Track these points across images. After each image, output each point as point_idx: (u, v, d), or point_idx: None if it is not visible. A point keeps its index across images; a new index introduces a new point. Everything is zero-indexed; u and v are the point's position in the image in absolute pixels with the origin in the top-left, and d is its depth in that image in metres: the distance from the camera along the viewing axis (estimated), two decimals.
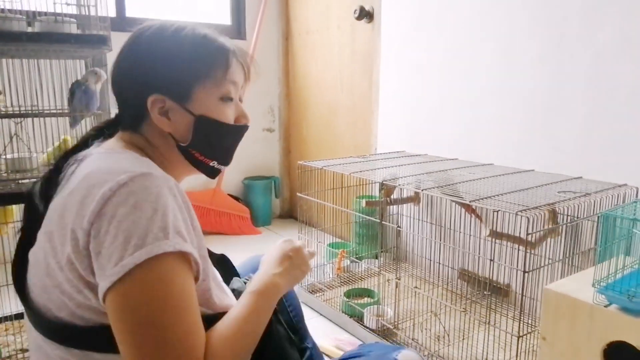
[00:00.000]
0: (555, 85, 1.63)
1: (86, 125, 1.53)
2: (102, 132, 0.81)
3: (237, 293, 0.82)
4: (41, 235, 0.67)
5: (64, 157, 0.75)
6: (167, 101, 0.74)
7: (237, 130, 0.81)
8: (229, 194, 2.86)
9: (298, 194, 1.94)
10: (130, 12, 2.56)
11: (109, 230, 0.58)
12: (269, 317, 0.74)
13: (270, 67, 2.99)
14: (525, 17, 1.69)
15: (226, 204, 2.79)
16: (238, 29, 2.87)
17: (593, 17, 1.51)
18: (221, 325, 0.67)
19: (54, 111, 1.45)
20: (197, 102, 0.74)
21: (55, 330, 0.65)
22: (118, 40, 0.90)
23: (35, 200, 0.73)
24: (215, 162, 0.81)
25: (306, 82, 2.87)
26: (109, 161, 0.68)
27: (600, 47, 1.50)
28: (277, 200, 3.14)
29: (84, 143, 0.79)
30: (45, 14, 1.37)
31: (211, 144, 0.78)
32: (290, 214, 3.16)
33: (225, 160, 0.83)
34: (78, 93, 1.39)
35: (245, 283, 0.87)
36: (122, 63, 0.76)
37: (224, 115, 0.77)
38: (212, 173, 0.82)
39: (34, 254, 0.69)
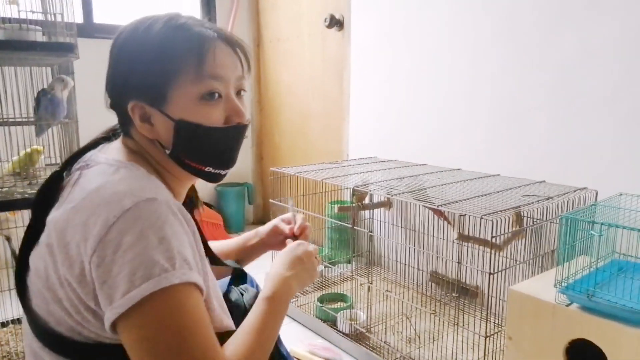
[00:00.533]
0: (518, 93, 1.69)
1: (53, 133, 1.50)
2: (111, 135, 0.79)
3: (234, 305, 0.81)
4: (42, 245, 0.65)
5: (71, 160, 0.74)
6: (145, 107, 0.69)
7: (227, 132, 0.72)
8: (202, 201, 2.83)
9: (271, 201, 1.95)
10: (98, 19, 2.52)
11: (114, 260, 0.57)
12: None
13: None
14: (490, 27, 1.75)
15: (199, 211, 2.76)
16: None
17: (554, 28, 1.57)
18: (236, 339, 0.66)
19: (19, 119, 1.41)
20: (175, 105, 0.68)
21: (53, 341, 0.65)
22: (86, 47, 0.90)
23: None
24: (211, 168, 0.73)
25: (278, 89, 2.89)
26: (114, 179, 0.64)
27: (560, 57, 1.56)
28: (251, 207, 3.14)
29: (93, 145, 0.77)
30: (10, 20, 1.35)
31: (198, 149, 0.70)
32: (263, 220, 3.15)
33: (223, 164, 0.74)
34: (44, 101, 1.36)
35: (242, 294, 0.87)
36: (108, 69, 0.73)
37: (207, 117, 0.69)
38: (213, 178, 0.75)
39: (34, 261, 0.67)
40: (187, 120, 0.68)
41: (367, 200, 2.01)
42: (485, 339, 1.25)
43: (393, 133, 2.18)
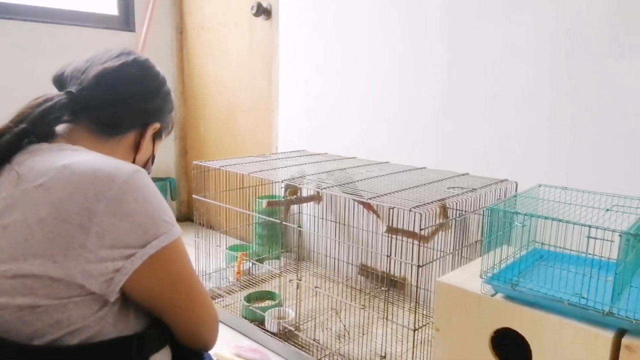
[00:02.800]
0: (446, 88, 1.71)
1: None
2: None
3: None
4: None
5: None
6: (156, 131, 0.84)
7: None
8: None
9: (194, 196, 1.84)
10: None
11: (122, 225, 0.62)
12: None
13: (163, 63, 2.81)
14: (419, 22, 1.76)
15: None
16: (126, 20, 2.67)
17: (480, 25, 1.61)
18: None
19: None
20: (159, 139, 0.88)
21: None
22: None
23: None
24: None
25: (203, 80, 2.75)
26: (86, 157, 0.66)
27: (484, 54, 1.60)
28: (174, 203, 2.98)
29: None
30: None
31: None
32: (188, 216, 3.01)
33: None
34: None
35: None
36: (127, 81, 0.79)
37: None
38: None
39: None
40: (154, 156, 0.90)
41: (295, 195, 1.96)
42: (414, 332, 1.25)
43: (323, 126, 2.14)
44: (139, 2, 2.66)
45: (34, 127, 0.69)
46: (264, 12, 2.28)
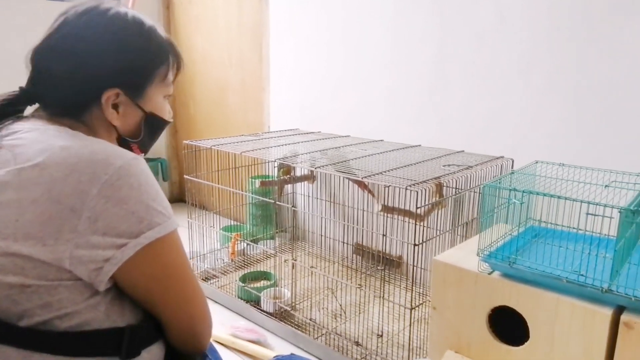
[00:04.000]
0: (440, 62, 1.68)
1: None
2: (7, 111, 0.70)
3: None
4: None
5: None
6: (121, 96, 0.73)
7: (166, 126, 0.85)
8: None
9: (185, 177, 1.81)
10: None
11: (117, 212, 0.59)
12: None
13: None
14: None
15: None
16: None
17: None
18: None
19: None
20: (148, 99, 0.76)
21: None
22: None
23: None
24: (144, 154, 0.81)
25: (191, 57, 2.69)
26: (81, 142, 0.64)
27: (477, 26, 1.56)
28: (166, 184, 2.94)
29: None
30: None
31: (150, 139, 0.81)
32: (180, 197, 2.98)
33: (148, 151, 0.85)
34: None
35: None
36: (65, 46, 0.70)
37: (165, 113, 0.80)
38: None
39: None
40: (155, 115, 0.78)
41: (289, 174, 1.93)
42: (411, 311, 1.24)
43: (315, 104, 2.10)
44: None
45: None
46: None
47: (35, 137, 0.64)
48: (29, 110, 0.73)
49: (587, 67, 1.36)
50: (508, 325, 1.00)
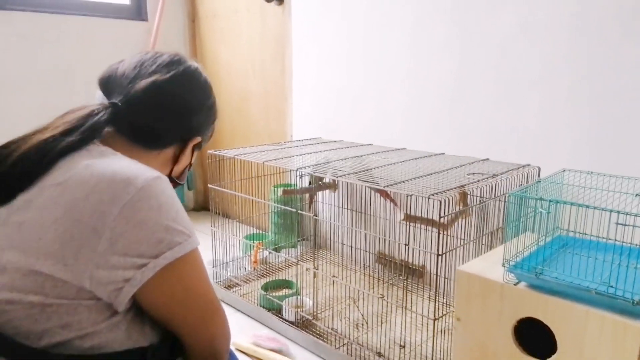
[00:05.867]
0: (461, 70, 1.66)
1: None
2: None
3: None
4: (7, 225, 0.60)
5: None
6: (197, 144, 0.85)
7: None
8: None
9: (209, 185, 1.83)
10: None
11: (136, 233, 0.60)
12: None
13: None
14: (431, 4, 1.71)
15: None
16: (138, 10, 2.65)
17: (495, 3, 1.55)
18: None
19: None
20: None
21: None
22: None
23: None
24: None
25: (215, 68, 2.73)
26: (105, 161, 0.65)
27: (502, 33, 1.55)
28: (191, 193, 2.99)
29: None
30: None
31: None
32: (204, 206, 3.02)
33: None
34: None
35: None
36: (175, 90, 0.78)
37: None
38: None
39: None
40: (192, 164, 0.90)
41: (310, 183, 1.94)
42: (434, 322, 1.22)
43: (337, 113, 2.11)
44: None
45: (81, 142, 0.67)
46: None
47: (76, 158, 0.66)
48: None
49: (614, 72, 1.33)
50: (535, 338, 0.97)
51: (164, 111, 0.76)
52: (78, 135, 0.67)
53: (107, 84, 0.76)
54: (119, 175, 0.61)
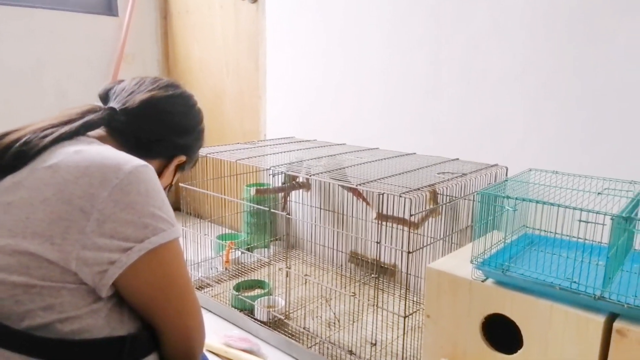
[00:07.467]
0: (432, 70, 1.69)
1: None
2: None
3: None
4: None
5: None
6: (182, 163, 0.88)
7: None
8: None
9: (180, 184, 1.80)
10: None
11: (123, 216, 0.61)
12: None
13: (148, 49, 2.75)
14: (404, 3, 1.72)
15: None
16: (108, 5, 2.59)
17: (465, 2, 1.58)
18: None
19: None
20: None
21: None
22: None
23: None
24: None
25: (188, 65, 2.70)
26: (94, 148, 0.67)
27: (472, 32, 1.57)
28: None
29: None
30: None
31: None
32: (176, 206, 2.97)
33: None
34: None
35: None
36: (167, 109, 0.82)
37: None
38: None
39: None
40: (172, 184, 0.93)
41: (282, 182, 1.93)
42: (405, 319, 1.24)
43: (311, 112, 2.11)
44: None
45: (72, 133, 0.71)
46: None
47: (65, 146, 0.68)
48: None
49: (580, 74, 1.37)
50: (502, 333, 0.99)
51: (157, 123, 0.81)
52: (72, 127, 0.70)
53: (107, 95, 0.82)
54: (109, 160, 0.63)
